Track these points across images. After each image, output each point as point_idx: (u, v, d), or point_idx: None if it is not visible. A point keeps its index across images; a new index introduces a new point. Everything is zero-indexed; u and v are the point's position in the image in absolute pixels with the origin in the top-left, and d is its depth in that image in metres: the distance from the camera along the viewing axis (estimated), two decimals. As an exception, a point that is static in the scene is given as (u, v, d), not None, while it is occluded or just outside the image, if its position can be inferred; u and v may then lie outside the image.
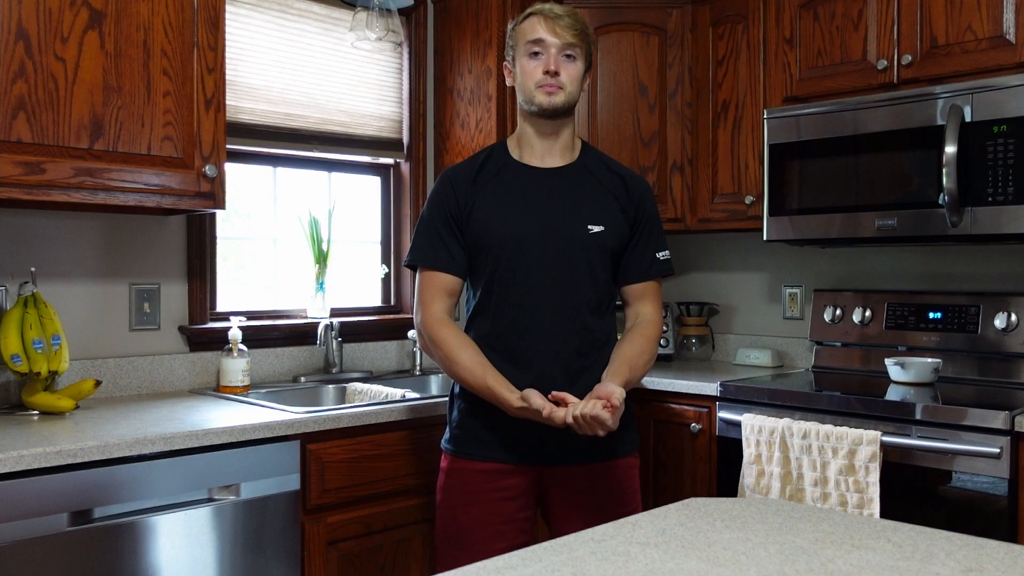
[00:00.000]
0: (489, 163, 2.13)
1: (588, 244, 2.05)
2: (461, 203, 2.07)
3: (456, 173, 2.13)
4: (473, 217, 2.06)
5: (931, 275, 3.04)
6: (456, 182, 2.10)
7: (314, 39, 3.08)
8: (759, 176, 3.04)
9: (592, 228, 2.06)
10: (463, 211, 2.07)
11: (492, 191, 2.08)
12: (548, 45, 2.04)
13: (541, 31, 2.05)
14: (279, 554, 2.20)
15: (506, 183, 2.09)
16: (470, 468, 2.04)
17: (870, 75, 2.80)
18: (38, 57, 2.09)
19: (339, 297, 3.19)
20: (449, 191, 2.09)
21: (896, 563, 1.16)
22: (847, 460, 2.40)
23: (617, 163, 2.22)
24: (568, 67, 2.05)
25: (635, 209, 2.12)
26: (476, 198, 2.07)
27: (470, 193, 2.07)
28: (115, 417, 2.21)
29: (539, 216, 2.05)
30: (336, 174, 3.27)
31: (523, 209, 2.06)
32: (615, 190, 2.13)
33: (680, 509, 1.43)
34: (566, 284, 2.04)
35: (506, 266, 2.04)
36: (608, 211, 2.09)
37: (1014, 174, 2.45)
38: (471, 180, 2.09)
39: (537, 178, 2.09)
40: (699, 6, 3.24)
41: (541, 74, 2.04)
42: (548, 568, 1.14)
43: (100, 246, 2.58)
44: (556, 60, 2.04)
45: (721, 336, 3.57)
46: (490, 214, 2.06)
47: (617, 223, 2.09)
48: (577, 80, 2.08)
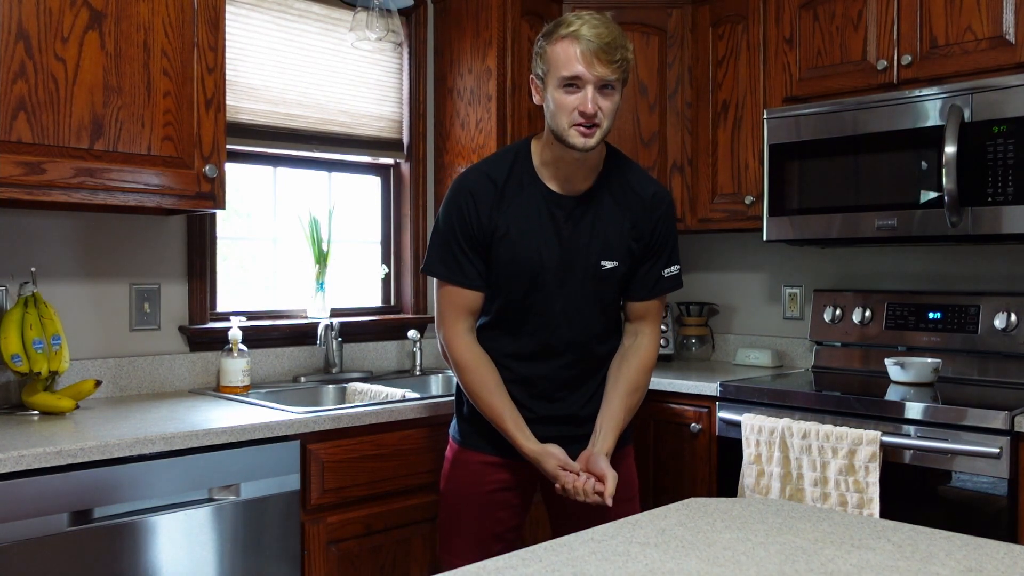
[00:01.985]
0: (512, 178, 2.03)
1: (600, 279, 2.05)
2: (484, 223, 2.00)
3: (478, 188, 2.02)
4: (494, 241, 2.01)
5: (931, 275, 3.04)
6: (478, 200, 2.00)
7: (314, 39, 3.08)
8: (759, 176, 3.04)
9: (605, 264, 2.04)
10: (485, 232, 2.01)
11: (513, 217, 2.01)
12: (587, 83, 1.88)
13: (578, 66, 1.87)
14: (279, 554, 2.20)
15: (528, 208, 2.02)
16: (474, 459, 2.11)
17: (870, 75, 2.80)
18: (38, 57, 2.09)
19: (339, 297, 3.19)
20: (471, 210, 2.00)
21: (896, 563, 1.16)
22: (847, 460, 2.40)
23: (640, 175, 2.12)
24: (606, 102, 1.91)
25: (650, 232, 2.08)
26: (497, 221, 2.00)
27: (492, 215, 2.00)
28: (115, 417, 2.21)
29: (556, 248, 2.02)
30: (336, 174, 3.27)
31: (541, 242, 2.01)
32: (633, 211, 2.06)
33: (680, 509, 1.43)
34: (577, 314, 2.06)
35: (521, 294, 2.04)
36: (622, 241, 2.05)
37: (1014, 174, 2.45)
38: (494, 201, 2.01)
39: (558, 208, 2.03)
40: (699, 6, 3.24)
41: (577, 114, 1.89)
42: (548, 568, 1.14)
43: (100, 246, 2.58)
44: (594, 99, 1.88)
45: (721, 336, 3.57)
46: (509, 244, 2.01)
47: (630, 253, 2.07)
48: (613, 113, 1.94)
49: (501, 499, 2.10)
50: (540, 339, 2.06)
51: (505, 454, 2.07)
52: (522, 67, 3.18)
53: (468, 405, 2.13)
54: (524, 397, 2.08)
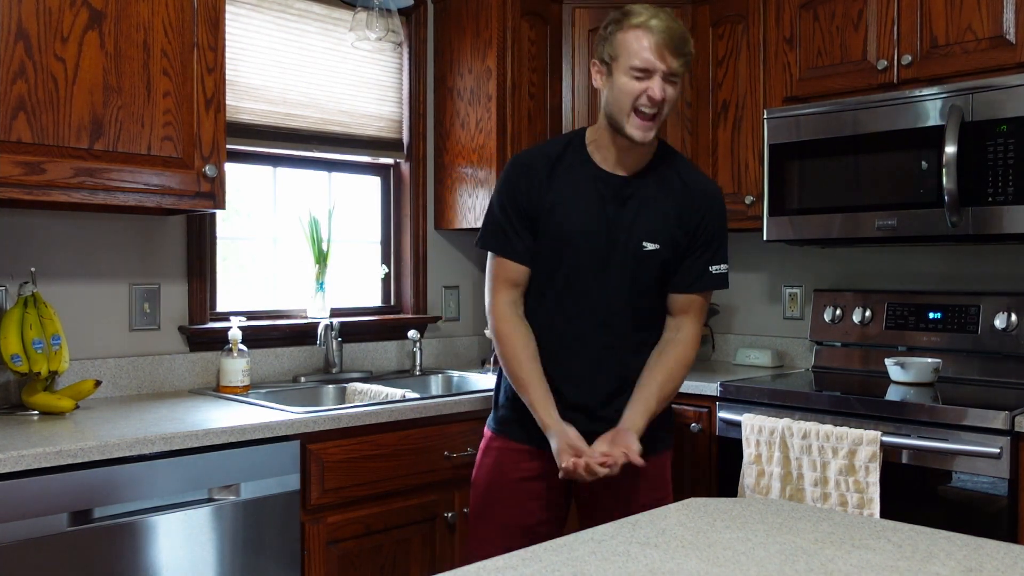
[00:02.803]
0: (565, 159, 2.09)
1: (641, 260, 2.06)
2: (533, 197, 2.06)
3: (532, 162, 2.09)
4: (542, 213, 2.06)
5: (931, 275, 3.04)
6: (531, 173, 2.07)
7: (314, 39, 3.08)
8: (759, 176, 3.04)
9: (647, 245, 2.05)
10: (534, 206, 2.06)
11: (562, 191, 2.06)
12: (656, 73, 1.96)
13: (650, 56, 1.95)
14: (279, 554, 2.20)
15: (577, 184, 2.07)
16: (506, 447, 2.13)
17: (870, 75, 2.80)
18: (38, 57, 2.09)
19: (339, 297, 3.19)
20: (523, 183, 2.07)
21: (896, 563, 1.16)
22: (847, 460, 2.40)
23: (693, 172, 2.16)
24: (670, 91, 1.98)
25: (696, 223, 2.08)
26: (546, 196, 2.06)
27: (542, 188, 2.06)
28: (115, 417, 2.21)
29: (599, 227, 2.04)
30: (336, 174, 3.27)
31: (587, 217, 2.05)
32: (681, 202, 2.08)
33: (680, 509, 1.43)
34: (616, 296, 2.07)
35: (563, 269, 2.07)
36: (667, 226, 2.06)
37: (1014, 174, 2.45)
38: (545, 175, 2.07)
39: (606, 186, 2.06)
40: (699, 6, 3.24)
41: (645, 98, 1.96)
42: (548, 568, 1.14)
43: (100, 246, 2.58)
44: (662, 87, 1.96)
45: (721, 336, 3.57)
46: (556, 218, 2.05)
47: (674, 239, 2.07)
48: (673, 105, 2.02)
49: (529, 488, 2.10)
50: (576, 313, 2.07)
51: (536, 443, 2.07)
52: (522, 67, 3.18)
53: (505, 394, 2.16)
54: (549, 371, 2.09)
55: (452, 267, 3.49)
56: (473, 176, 3.23)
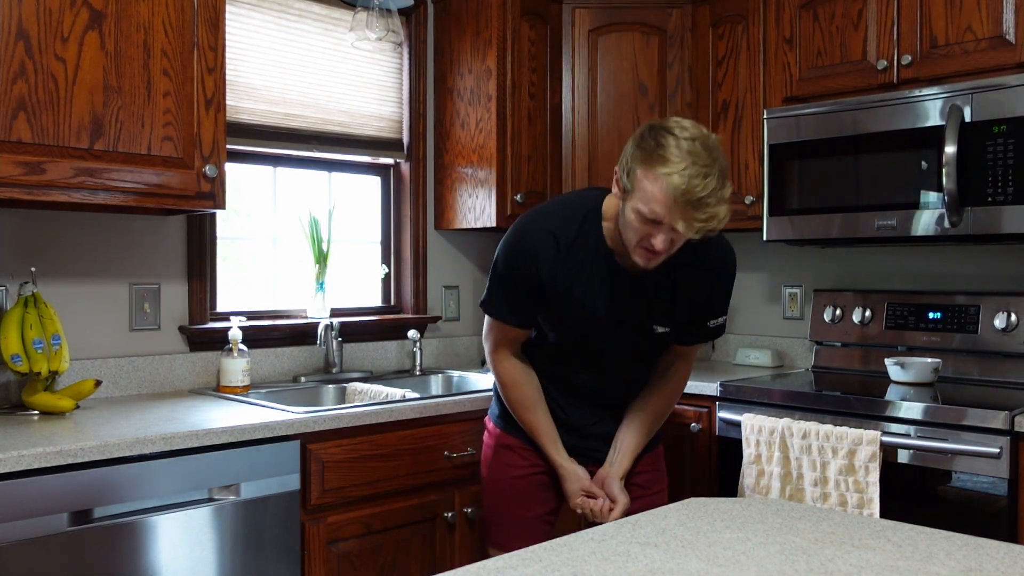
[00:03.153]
0: (579, 239, 1.97)
1: (652, 342, 2.09)
2: (545, 281, 1.98)
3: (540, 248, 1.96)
4: (548, 295, 2.00)
5: (931, 275, 3.04)
6: (540, 261, 1.96)
7: (314, 39, 3.08)
8: (759, 176, 3.04)
9: (658, 329, 2.05)
10: (544, 288, 1.99)
11: (574, 276, 1.98)
12: (664, 226, 1.78)
13: (660, 210, 1.75)
14: (279, 554, 2.20)
15: (591, 269, 1.99)
16: (513, 443, 2.17)
17: (870, 75, 2.80)
18: (38, 57, 2.09)
19: (339, 297, 3.19)
20: (532, 269, 1.97)
21: (896, 563, 1.16)
22: (847, 460, 2.40)
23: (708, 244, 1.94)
24: (678, 240, 1.83)
25: (707, 296, 2.06)
26: (557, 278, 1.98)
27: (552, 269, 1.97)
28: (115, 417, 2.21)
29: (610, 314, 2.02)
30: (336, 174, 3.27)
31: (597, 304, 2.00)
32: (694, 279, 2.02)
33: (680, 509, 1.43)
34: (623, 369, 2.12)
35: (570, 348, 2.10)
36: (679, 309, 2.04)
37: (1014, 174, 2.45)
38: (556, 256, 1.96)
39: (620, 275, 2.00)
40: (699, 6, 3.24)
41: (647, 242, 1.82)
42: (548, 568, 1.14)
43: (100, 246, 2.58)
44: (667, 240, 1.80)
45: (721, 336, 3.56)
46: (565, 302, 2.00)
47: (684, 317, 2.07)
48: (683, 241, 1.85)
49: (539, 481, 2.15)
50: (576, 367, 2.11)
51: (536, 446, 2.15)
52: (522, 67, 3.18)
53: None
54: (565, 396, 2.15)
55: (452, 267, 3.49)
56: (473, 176, 3.23)
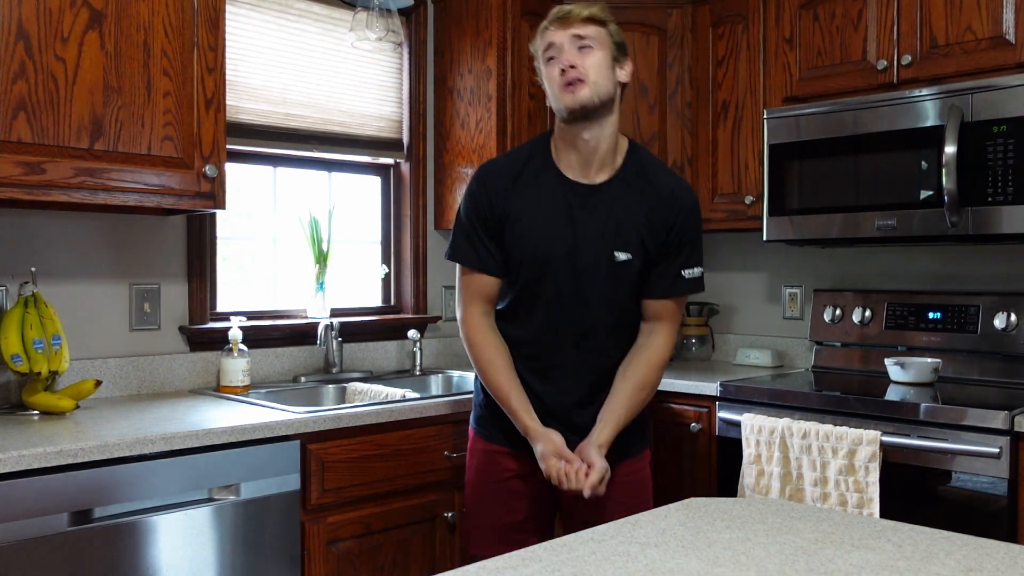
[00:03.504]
0: (528, 168, 2.06)
1: (613, 271, 2.03)
2: (496, 210, 2.04)
3: (493, 174, 2.08)
4: (505, 228, 2.04)
5: (931, 275, 3.04)
6: (492, 186, 2.05)
7: (314, 39, 3.08)
8: (759, 176, 3.04)
9: (619, 256, 2.02)
10: (498, 218, 2.04)
11: (526, 202, 2.03)
12: (560, 44, 1.98)
13: (551, 33, 2.01)
14: (279, 554, 2.20)
15: (540, 195, 2.04)
16: (488, 449, 2.15)
17: (870, 75, 2.80)
18: (38, 57, 2.09)
19: (339, 297, 3.19)
20: (484, 197, 2.05)
21: (896, 563, 1.16)
22: (847, 460, 2.40)
23: (662, 173, 2.12)
24: (587, 57, 1.97)
25: (668, 227, 2.04)
26: (509, 208, 2.03)
27: (505, 200, 2.03)
28: (115, 417, 2.21)
29: (567, 239, 2.02)
30: (336, 174, 3.27)
31: (552, 229, 2.02)
32: (652, 206, 2.04)
33: (680, 509, 1.43)
34: (589, 308, 2.05)
35: (533, 284, 2.05)
36: (639, 235, 2.03)
37: (1014, 174, 2.45)
38: (508, 186, 2.04)
39: (571, 195, 2.03)
40: (699, 6, 3.24)
41: (559, 75, 1.97)
42: (548, 568, 1.14)
43: (100, 246, 2.58)
44: (569, 55, 1.97)
45: (721, 336, 3.57)
46: (521, 229, 2.03)
47: (646, 246, 2.04)
48: (600, 69, 1.97)
49: (513, 487, 2.11)
50: (549, 324, 2.06)
51: (514, 444, 2.08)
52: (522, 67, 3.17)
53: (484, 395, 2.15)
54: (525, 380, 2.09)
55: (452, 267, 3.44)
56: (473, 176, 3.23)
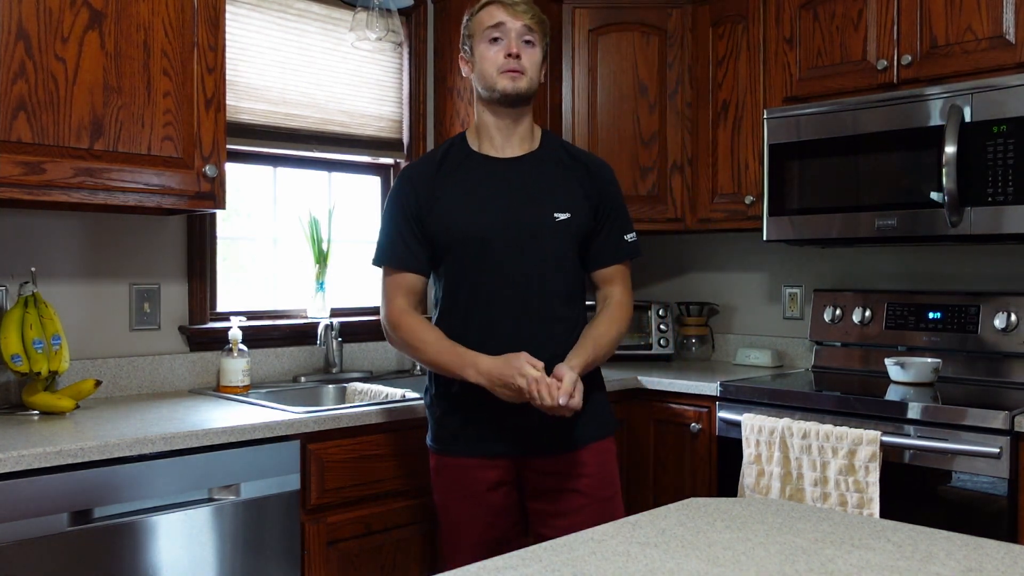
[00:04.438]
0: (450, 156, 2.12)
1: (555, 232, 2.04)
2: (421, 200, 2.06)
3: (415, 169, 2.13)
4: (434, 214, 2.05)
5: (931, 275, 3.04)
6: (415, 179, 2.09)
7: (314, 39, 3.08)
8: (759, 176, 3.04)
9: (558, 216, 2.04)
10: (423, 208, 2.06)
11: (453, 185, 2.07)
12: (508, 29, 2.03)
13: (500, 15, 2.04)
14: (279, 554, 2.20)
15: (467, 176, 2.08)
16: (453, 464, 2.09)
17: (870, 75, 2.80)
18: (38, 57, 2.09)
19: (339, 297, 3.19)
20: (408, 189, 2.08)
21: (896, 563, 1.16)
22: (847, 460, 2.40)
23: (578, 149, 2.22)
24: (528, 52, 2.05)
25: (598, 194, 2.11)
26: (437, 194, 2.06)
27: (430, 189, 2.06)
28: (115, 417, 2.21)
29: (502, 208, 2.04)
30: (336, 174, 3.27)
31: (486, 202, 2.04)
32: (578, 176, 2.11)
33: (680, 509, 1.43)
34: (535, 275, 2.03)
35: (472, 263, 2.03)
36: (573, 197, 2.08)
37: (1014, 174, 2.45)
38: (431, 175, 2.08)
39: (498, 169, 2.09)
40: (699, 6, 3.24)
41: (503, 58, 2.02)
42: (548, 568, 1.14)
43: (100, 246, 2.58)
44: (517, 44, 2.03)
45: (721, 336, 3.57)
46: (452, 210, 2.04)
47: (582, 209, 2.08)
48: (537, 67, 2.07)
49: (491, 501, 2.07)
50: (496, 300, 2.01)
51: (478, 452, 2.05)
52: (522, 67, 3.17)
53: (437, 410, 2.11)
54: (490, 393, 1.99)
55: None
56: (473, 176, 3.23)
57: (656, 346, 3.38)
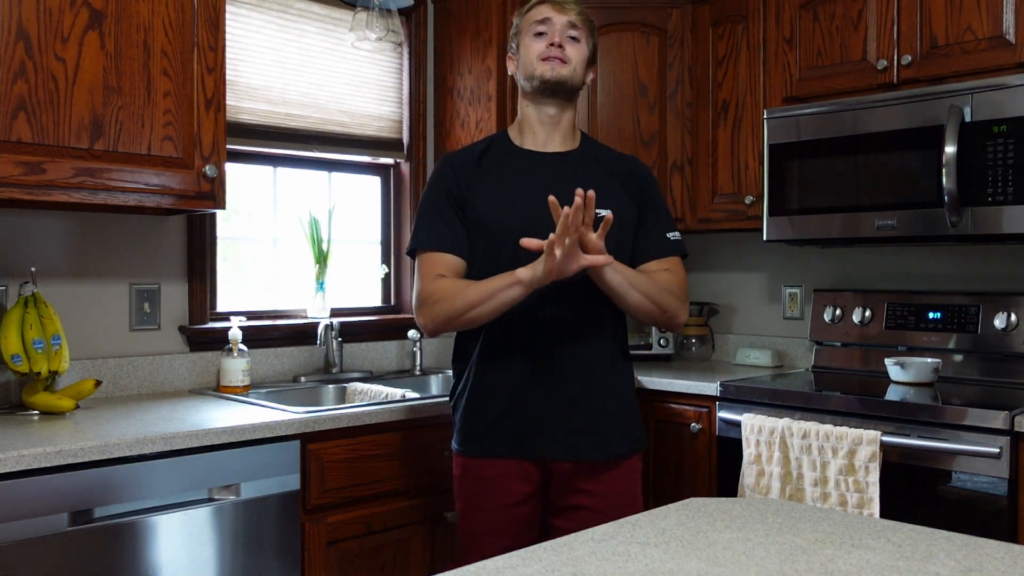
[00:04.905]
0: (491, 151, 2.10)
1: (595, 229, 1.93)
2: (462, 185, 2.04)
3: (457, 156, 2.12)
4: (475, 203, 2.02)
5: (931, 275, 3.04)
6: (456, 165, 2.07)
7: (314, 39, 3.08)
8: (759, 176, 3.04)
9: (599, 213, 1.96)
10: (464, 194, 2.03)
11: (494, 177, 2.05)
12: (554, 23, 2.05)
13: (547, 11, 2.06)
14: (279, 554, 2.20)
15: (508, 169, 2.06)
16: (478, 471, 2.03)
17: (870, 75, 2.80)
18: (38, 57, 2.09)
19: (339, 297, 3.19)
20: (449, 172, 2.06)
21: (896, 563, 1.16)
22: (847, 460, 2.40)
23: (618, 151, 2.22)
24: (573, 47, 2.05)
25: (640, 191, 2.11)
26: (477, 183, 2.04)
27: (472, 177, 2.04)
28: (115, 417, 2.21)
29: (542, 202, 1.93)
30: (336, 174, 3.27)
31: (527, 195, 1.99)
32: (620, 174, 2.11)
33: (680, 509, 1.43)
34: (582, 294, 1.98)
35: (510, 256, 1.94)
36: (615, 195, 2.04)
37: (1014, 174, 2.44)
38: (473, 165, 2.07)
39: (540, 163, 2.07)
40: (699, 6, 3.24)
41: (545, 47, 2.03)
42: (548, 568, 1.14)
43: (100, 246, 2.58)
44: (562, 35, 2.04)
45: (721, 336, 3.56)
46: (492, 201, 2.02)
47: (626, 207, 2.05)
48: (582, 62, 2.07)
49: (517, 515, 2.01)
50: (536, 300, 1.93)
51: (505, 451, 2.00)
52: (522, 67, 3.17)
53: (462, 410, 2.06)
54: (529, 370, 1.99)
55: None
56: (473, 176, 3.23)
57: (656, 346, 3.38)
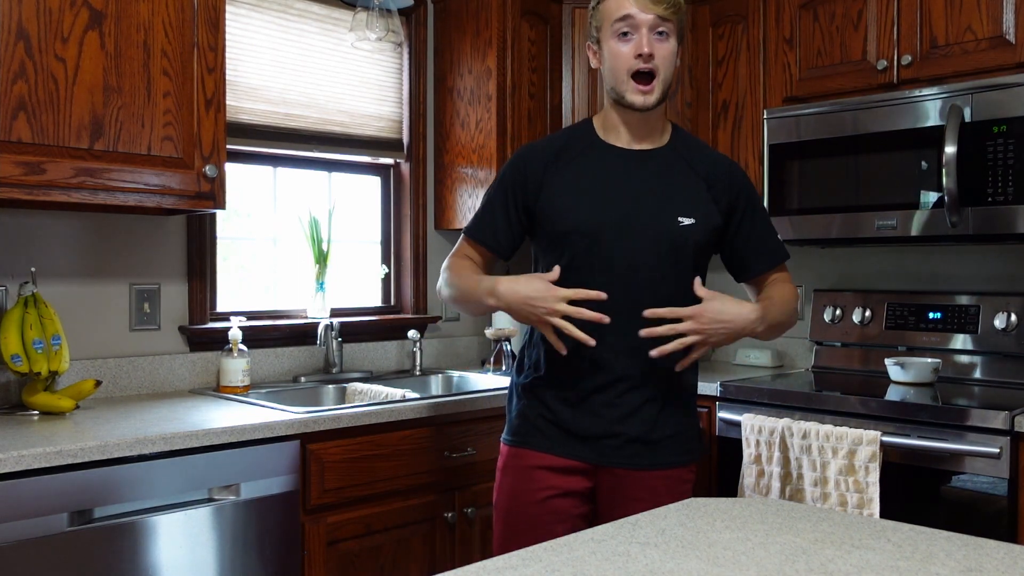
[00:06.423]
0: (572, 143, 1.98)
1: (676, 237, 1.89)
2: (530, 184, 1.93)
3: (532, 151, 1.99)
4: (544, 201, 1.92)
5: (931, 275, 3.04)
6: (529, 161, 1.96)
7: (314, 39, 3.08)
8: (759, 176, 3.04)
9: (682, 220, 1.88)
10: (530, 193, 1.94)
11: (571, 173, 1.93)
12: (638, 23, 1.86)
13: (628, 6, 1.86)
14: (279, 554, 2.20)
15: (588, 165, 1.94)
16: (527, 462, 1.95)
17: (870, 75, 2.80)
18: (38, 57, 2.09)
19: (339, 297, 3.19)
20: (520, 169, 1.96)
21: (896, 563, 1.16)
22: (847, 460, 2.40)
23: (709, 147, 2.09)
24: (661, 47, 1.87)
25: (733, 196, 1.96)
26: (551, 180, 1.92)
27: (544, 174, 1.93)
28: (115, 417, 2.21)
29: (622, 203, 1.88)
30: (336, 174, 3.27)
31: (604, 195, 1.89)
32: (708, 176, 1.95)
33: (680, 509, 1.43)
34: (646, 279, 1.88)
35: (582, 257, 1.88)
36: (700, 201, 1.92)
37: (1014, 174, 2.45)
38: (549, 160, 1.95)
39: (623, 161, 1.94)
40: (699, 6, 3.24)
41: (634, 58, 1.85)
42: (548, 568, 1.14)
43: (100, 246, 2.58)
44: (649, 40, 1.85)
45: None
46: (566, 199, 1.91)
47: (710, 216, 1.92)
48: (671, 61, 1.90)
49: (555, 507, 1.92)
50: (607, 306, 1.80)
51: (556, 449, 1.92)
52: (522, 67, 3.18)
53: (518, 401, 2.00)
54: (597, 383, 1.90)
55: (452, 267, 3.48)
56: (473, 176, 3.23)
57: (656, 346, 3.37)
